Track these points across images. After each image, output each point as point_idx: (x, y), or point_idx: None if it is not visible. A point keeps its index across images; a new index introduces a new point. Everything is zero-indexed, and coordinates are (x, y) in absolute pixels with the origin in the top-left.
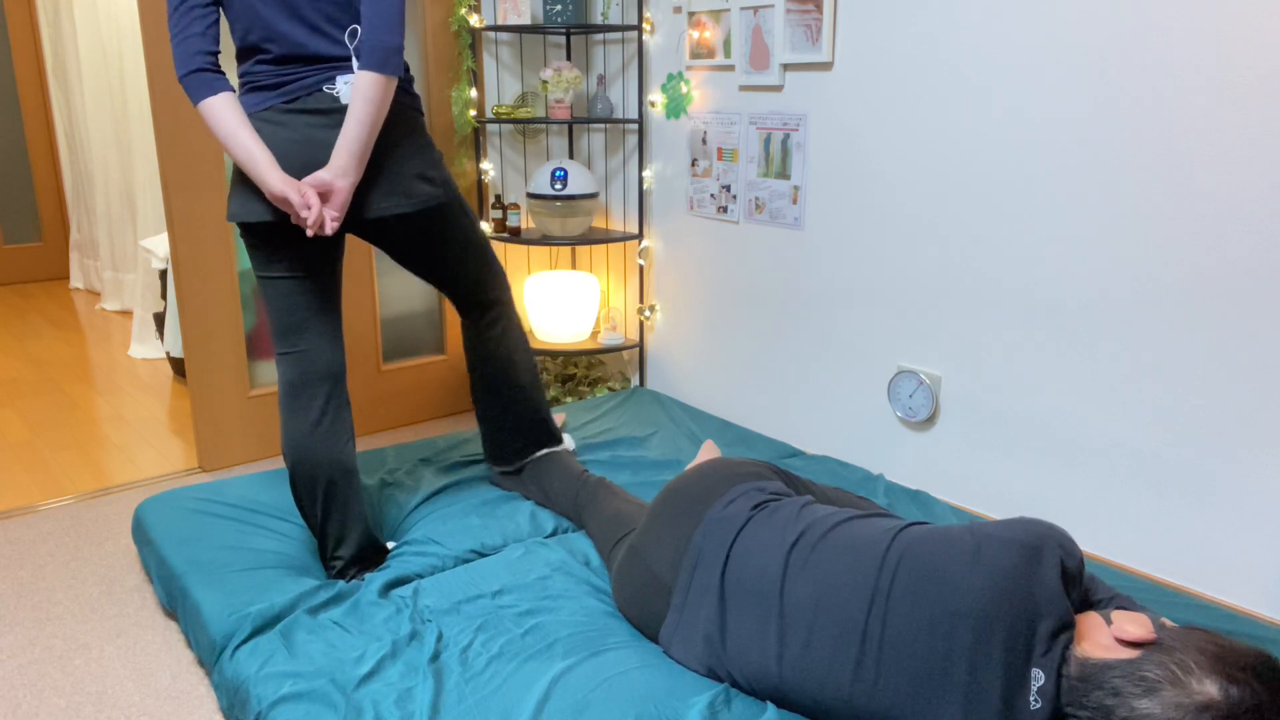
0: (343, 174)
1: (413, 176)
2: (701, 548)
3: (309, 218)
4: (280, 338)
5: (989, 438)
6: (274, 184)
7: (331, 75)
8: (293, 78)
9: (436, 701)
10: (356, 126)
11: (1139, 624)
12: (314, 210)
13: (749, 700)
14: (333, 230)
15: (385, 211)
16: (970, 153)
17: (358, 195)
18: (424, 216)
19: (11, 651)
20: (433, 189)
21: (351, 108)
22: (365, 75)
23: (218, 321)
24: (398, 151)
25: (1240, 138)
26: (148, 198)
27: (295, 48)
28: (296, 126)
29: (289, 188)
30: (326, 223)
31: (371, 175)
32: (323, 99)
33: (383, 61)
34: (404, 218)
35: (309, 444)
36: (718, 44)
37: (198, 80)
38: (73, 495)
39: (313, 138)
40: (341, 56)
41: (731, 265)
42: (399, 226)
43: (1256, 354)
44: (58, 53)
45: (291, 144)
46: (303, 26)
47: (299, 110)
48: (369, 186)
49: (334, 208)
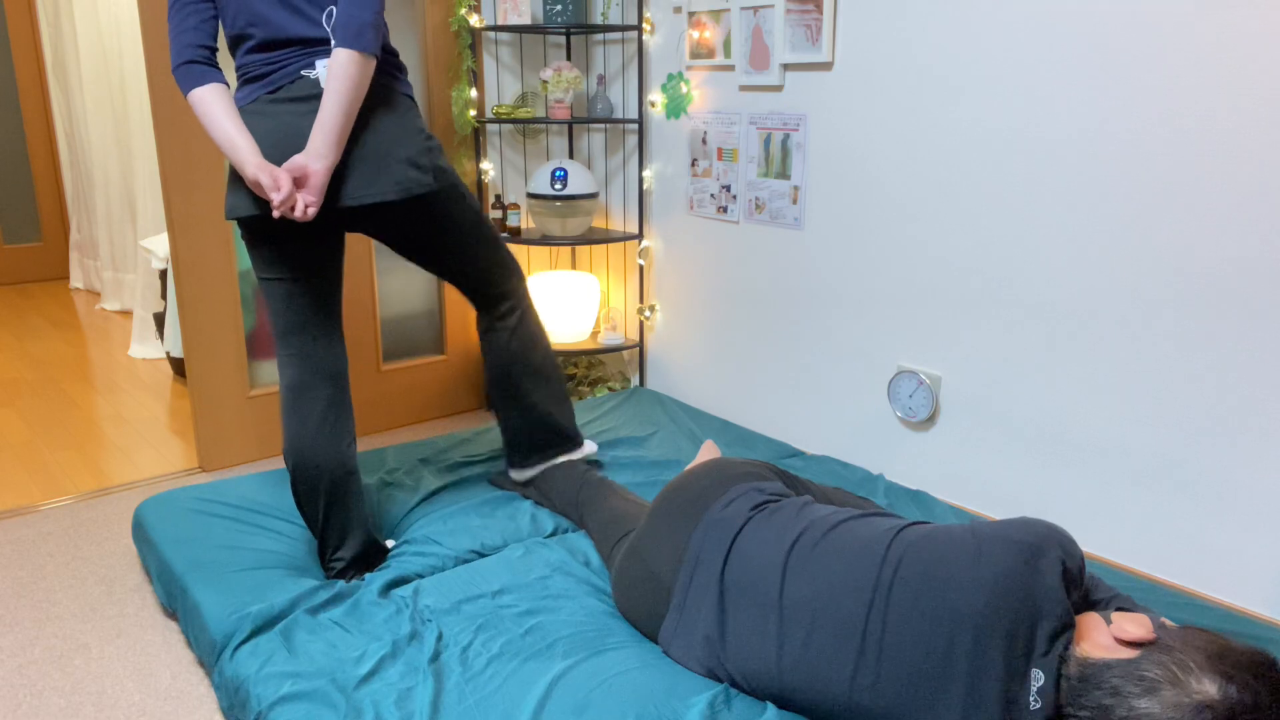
0: (318, 157)
1: (399, 162)
2: (701, 548)
3: (276, 199)
4: (281, 338)
5: (989, 438)
6: (249, 170)
7: (311, 59)
8: (276, 66)
9: (436, 701)
10: (331, 106)
11: (1138, 624)
12: (283, 192)
13: (749, 700)
14: (310, 216)
15: (366, 199)
16: (970, 152)
17: (340, 182)
18: (415, 205)
19: (11, 651)
20: (421, 176)
21: (327, 88)
22: (339, 53)
23: (218, 321)
24: (383, 136)
25: (1240, 138)
26: (148, 198)
27: (276, 31)
28: (280, 116)
29: (261, 172)
30: (299, 206)
31: (355, 161)
32: (303, 85)
33: (354, 36)
34: (392, 206)
35: (310, 445)
36: (718, 44)
37: (186, 72)
38: (73, 495)
39: (294, 126)
40: (321, 39)
41: (731, 265)
42: (390, 216)
43: (1256, 354)
44: (58, 53)
45: (275, 134)
46: (283, 9)
47: (283, 99)
48: (351, 173)
49: (310, 192)
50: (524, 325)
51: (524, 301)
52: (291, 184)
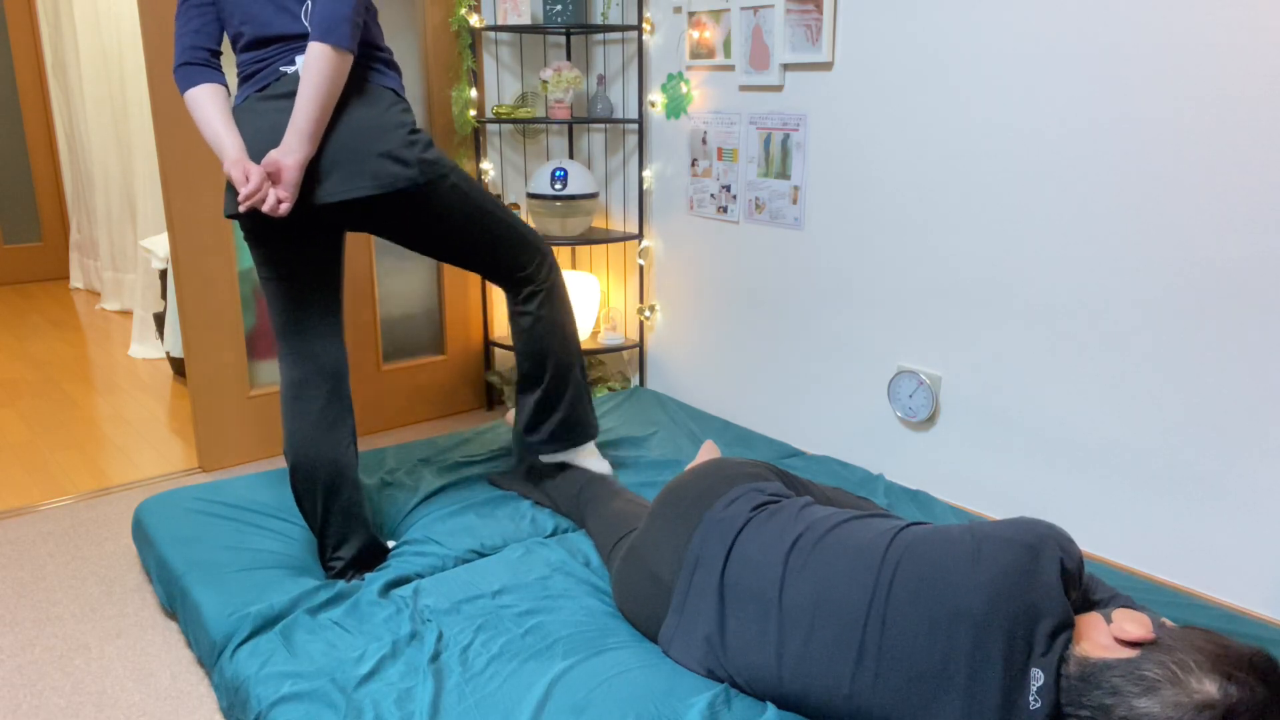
0: (289, 151)
1: (378, 157)
2: (701, 548)
3: (243, 193)
4: (282, 337)
5: (989, 438)
6: (225, 165)
7: (292, 56)
8: (264, 63)
9: (436, 701)
10: (302, 101)
11: (1138, 623)
12: (251, 184)
13: (749, 700)
14: (284, 212)
15: (340, 195)
16: (970, 153)
17: (317, 179)
18: (402, 199)
19: (11, 651)
20: (402, 170)
21: (300, 83)
22: (312, 47)
23: (218, 321)
24: (360, 131)
25: (1240, 139)
26: (148, 198)
27: (263, 28)
28: (265, 114)
29: (235, 167)
30: (270, 201)
31: (331, 157)
32: (285, 82)
33: (326, 30)
34: (375, 201)
35: (310, 444)
36: (718, 44)
37: (183, 73)
38: (73, 495)
39: (275, 123)
40: (303, 34)
41: (731, 265)
42: (376, 211)
43: (1256, 354)
44: (58, 53)
45: (260, 132)
46: (268, 6)
47: (269, 97)
48: (327, 169)
49: (284, 188)
50: (549, 309)
51: (548, 283)
52: (261, 179)
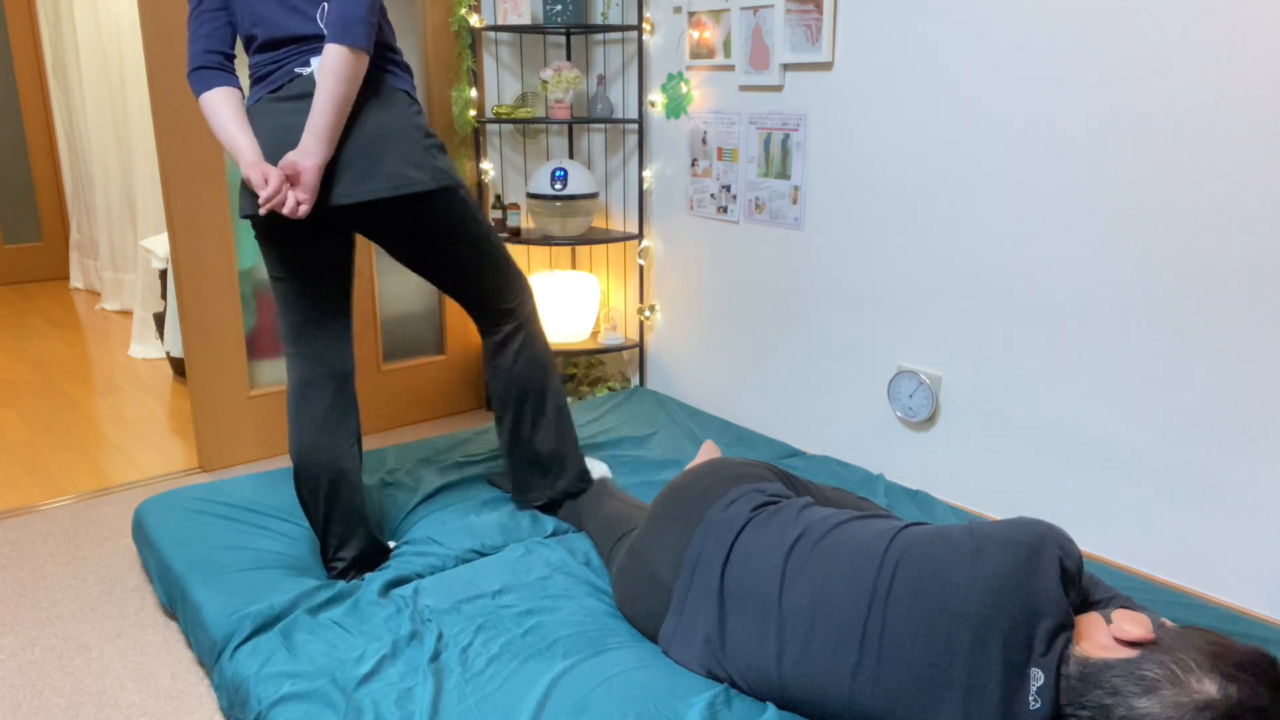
0: (307, 153)
1: (394, 160)
2: (701, 549)
3: (262, 195)
4: (289, 338)
5: (989, 438)
6: (243, 168)
7: (306, 57)
8: (277, 65)
9: (436, 701)
10: (320, 102)
11: (1138, 623)
12: (270, 187)
13: (749, 700)
14: (303, 214)
15: (357, 196)
16: (970, 153)
17: (333, 180)
18: (412, 205)
19: (11, 651)
20: (416, 174)
21: (317, 85)
22: (329, 48)
23: (218, 321)
24: (377, 134)
25: (1241, 139)
26: (148, 198)
27: (275, 30)
28: (279, 115)
29: (253, 170)
30: (290, 204)
31: (348, 159)
32: (300, 83)
33: (343, 31)
34: (387, 205)
35: (315, 445)
36: (718, 44)
37: (197, 77)
38: (73, 495)
39: (291, 124)
40: (318, 35)
41: (731, 265)
42: (386, 215)
43: (1256, 354)
44: (58, 53)
45: (275, 133)
46: (281, 8)
47: (283, 98)
48: (344, 170)
49: (303, 190)
50: (525, 350)
51: (529, 322)
52: (280, 181)
